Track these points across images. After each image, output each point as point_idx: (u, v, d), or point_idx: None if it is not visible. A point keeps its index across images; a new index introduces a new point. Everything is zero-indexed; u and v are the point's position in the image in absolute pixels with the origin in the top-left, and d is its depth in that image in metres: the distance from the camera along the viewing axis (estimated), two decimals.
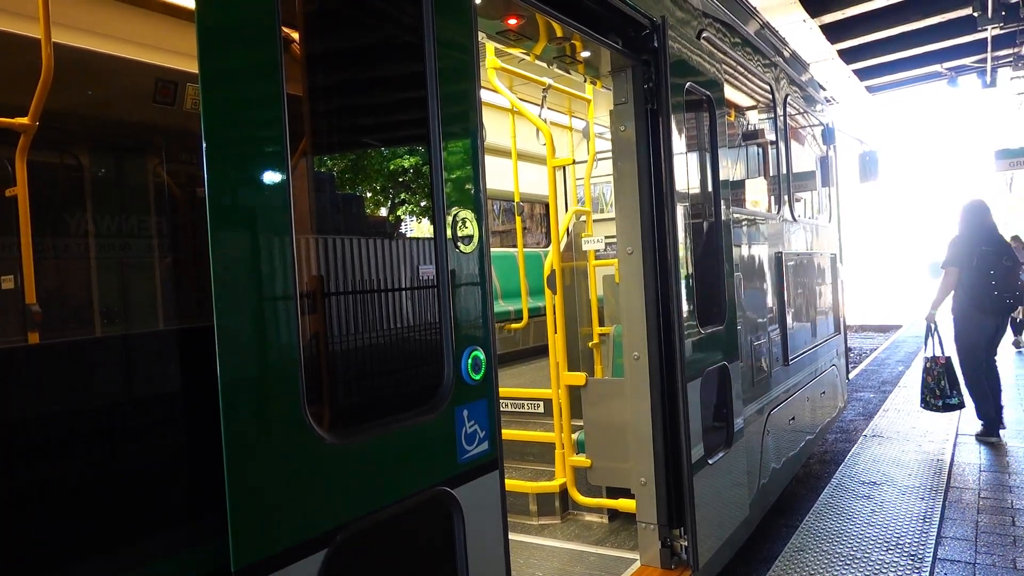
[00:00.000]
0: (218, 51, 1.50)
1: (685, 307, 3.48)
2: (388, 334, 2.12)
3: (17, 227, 2.18)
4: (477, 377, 2.13)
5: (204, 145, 1.44)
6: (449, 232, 2.07)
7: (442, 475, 2.01)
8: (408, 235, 2.69)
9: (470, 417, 2.11)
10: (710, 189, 4.04)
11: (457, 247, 2.10)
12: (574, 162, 6.01)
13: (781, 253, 5.15)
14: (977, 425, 6.88)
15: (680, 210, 3.51)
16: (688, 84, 3.70)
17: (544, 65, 4.20)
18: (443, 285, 2.05)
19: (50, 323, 2.22)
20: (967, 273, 6.54)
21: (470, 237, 2.14)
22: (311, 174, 2.13)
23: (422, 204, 2.32)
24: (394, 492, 1.85)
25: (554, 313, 4.29)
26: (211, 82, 1.48)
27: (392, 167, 2.64)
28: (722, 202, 4.03)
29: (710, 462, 3.66)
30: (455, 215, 2.10)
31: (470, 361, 2.11)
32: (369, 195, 2.59)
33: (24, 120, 2.18)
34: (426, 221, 2.15)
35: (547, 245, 7.59)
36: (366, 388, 2.10)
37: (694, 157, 3.96)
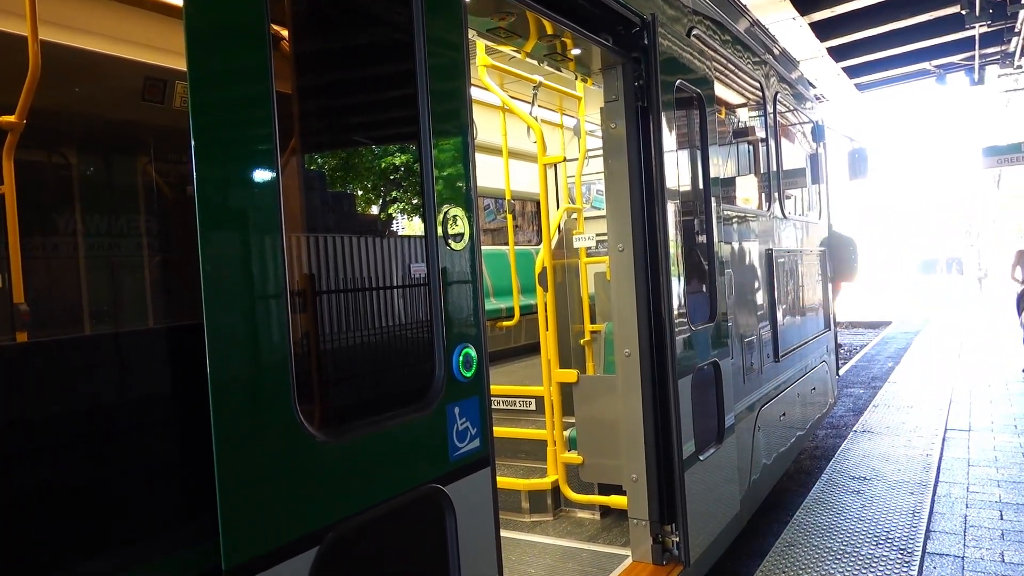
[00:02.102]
0: (207, 50, 1.50)
1: (676, 304, 3.49)
2: (379, 332, 2.12)
3: (4, 226, 2.17)
4: (468, 374, 2.13)
5: (193, 144, 1.43)
6: (440, 230, 2.07)
7: (434, 472, 2.01)
8: (399, 233, 2.69)
9: (461, 414, 2.10)
10: (700, 186, 4.05)
11: (448, 245, 2.09)
12: (565, 160, 6.01)
13: (771, 250, 5.18)
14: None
15: (671, 207, 3.52)
16: (678, 82, 3.71)
17: (535, 63, 4.20)
18: (434, 282, 2.05)
19: (39, 322, 2.21)
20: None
21: (461, 235, 2.14)
22: (301, 173, 2.13)
23: (413, 202, 2.32)
24: (386, 490, 1.85)
25: (546, 311, 4.30)
26: (200, 81, 1.47)
27: (383, 165, 2.63)
28: (712, 199, 4.04)
29: (701, 458, 3.68)
30: (446, 213, 2.09)
31: (461, 358, 2.10)
32: (360, 193, 2.58)
33: (11, 118, 2.17)
34: (417, 219, 2.14)
35: (538, 243, 7.60)
36: (357, 386, 2.09)
37: (684, 154, 3.97)
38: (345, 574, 1.80)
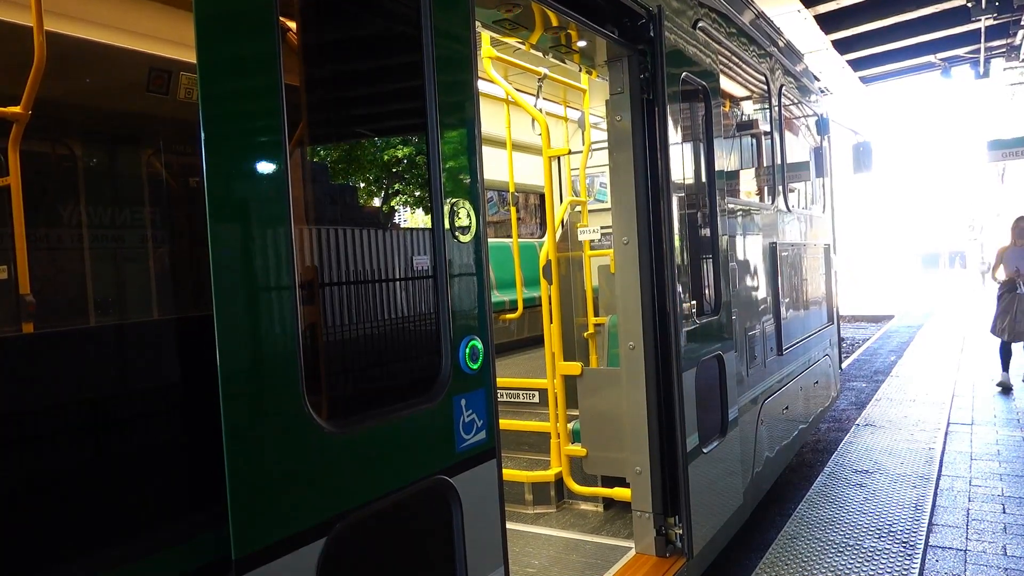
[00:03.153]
0: (216, 40, 1.49)
1: (680, 297, 3.49)
2: (387, 324, 2.12)
3: (10, 217, 2.17)
4: (475, 366, 2.14)
5: (203, 135, 1.43)
6: (447, 222, 2.06)
7: (440, 464, 2.02)
8: (406, 225, 2.68)
9: (468, 406, 2.11)
10: (705, 179, 4.04)
11: (455, 237, 2.09)
12: (569, 152, 6.00)
13: (775, 243, 5.17)
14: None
15: (675, 201, 3.51)
16: (684, 74, 3.70)
17: (540, 55, 4.19)
18: (441, 275, 2.05)
19: (43, 313, 2.21)
20: None
21: (467, 227, 2.14)
22: (309, 164, 2.12)
23: (420, 194, 2.31)
24: (393, 481, 1.86)
25: (550, 303, 4.30)
26: (209, 72, 1.46)
27: (390, 158, 2.63)
28: (717, 192, 4.03)
29: (705, 451, 3.69)
30: (453, 205, 2.09)
31: (468, 350, 2.11)
32: (368, 186, 2.58)
33: (17, 109, 2.17)
34: (424, 211, 2.15)
35: (542, 235, 7.59)
36: (365, 378, 2.09)
37: (689, 147, 3.97)
38: (353, 564, 1.80)
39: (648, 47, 3.42)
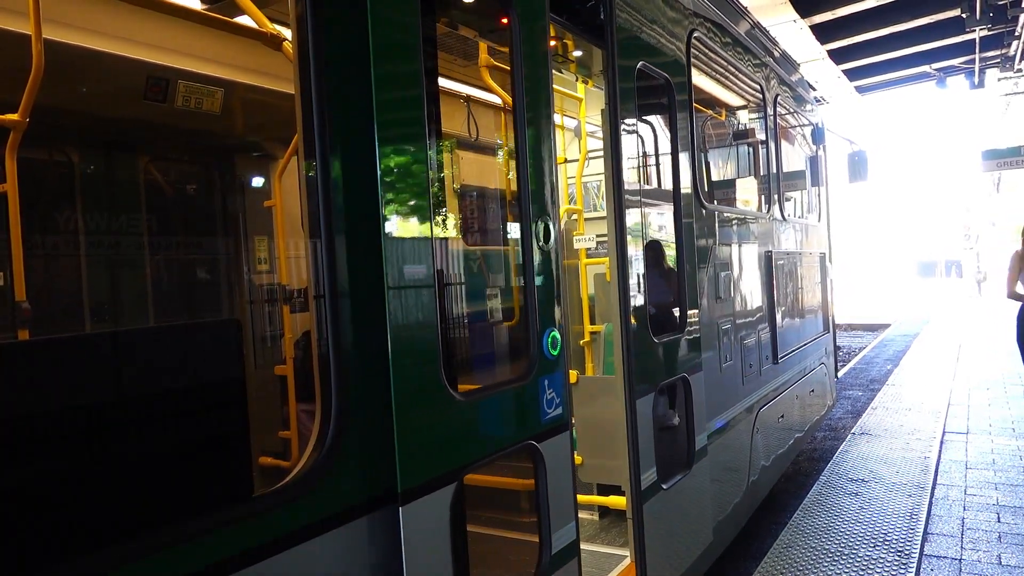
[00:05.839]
0: (387, 85, 1.89)
1: (633, 315, 3.25)
2: (492, 318, 2.73)
3: (7, 224, 2.18)
4: (555, 353, 2.53)
5: (378, 163, 1.84)
6: (534, 234, 2.47)
7: (531, 431, 2.43)
8: (506, 237, 3.43)
9: (549, 386, 2.51)
10: (673, 185, 3.88)
11: (540, 246, 2.50)
12: (566, 161, 6.02)
13: (771, 252, 5.18)
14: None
15: (629, 207, 3.35)
16: (640, 64, 3.59)
17: None
18: (530, 278, 2.45)
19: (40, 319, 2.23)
20: None
21: (548, 238, 2.54)
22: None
23: (515, 213, 2.74)
24: (500, 442, 2.29)
25: None
26: (383, 106, 1.86)
27: (493, 181, 3.12)
28: (680, 198, 3.82)
29: (665, 487, 3.41)
30: (538, 220, 2.50)
31: (549, 340, 2.51)
32: (480, 211, 3.03)
33: (14, 116, 2.18)
34: (515, 226, 2.63)
35: None
36: (479, 359, 2.64)
37: (649, 148, 4.00)
38: (472, 506, 2.26)
39: (597, 34, 3.20)
